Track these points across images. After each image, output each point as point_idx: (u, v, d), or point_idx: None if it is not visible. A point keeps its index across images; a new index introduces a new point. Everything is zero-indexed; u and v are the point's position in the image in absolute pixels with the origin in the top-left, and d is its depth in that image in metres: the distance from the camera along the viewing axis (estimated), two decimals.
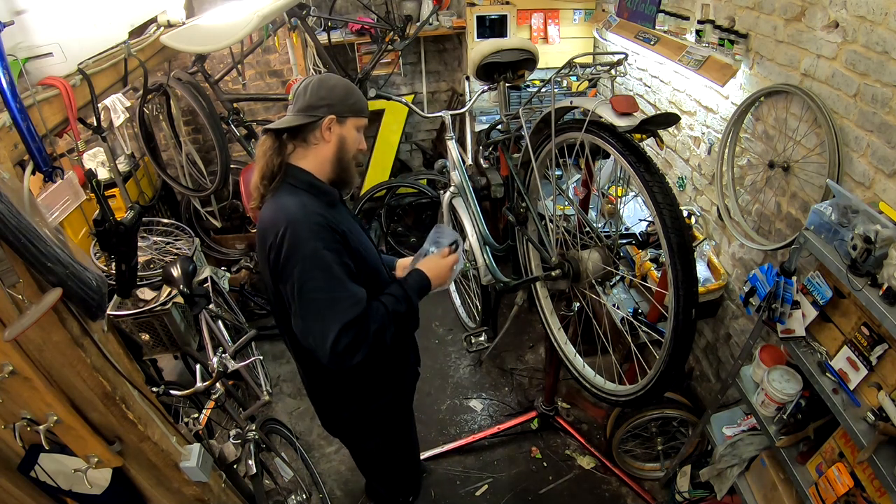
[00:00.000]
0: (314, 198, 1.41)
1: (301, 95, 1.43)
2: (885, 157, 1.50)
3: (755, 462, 1.95)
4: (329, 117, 1.41)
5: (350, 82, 1.48)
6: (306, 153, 1.45)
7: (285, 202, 1.37)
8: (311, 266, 1.30)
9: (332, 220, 1.37)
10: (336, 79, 1.47)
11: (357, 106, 1.47)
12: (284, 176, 1.42)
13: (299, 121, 1.40)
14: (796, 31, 1.78)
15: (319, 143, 1.44)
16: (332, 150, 1.45)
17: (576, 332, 2.18)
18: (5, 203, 0.97)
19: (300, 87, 1.44)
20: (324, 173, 1.46)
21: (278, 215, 1.34)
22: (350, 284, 1.34)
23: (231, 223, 4.00)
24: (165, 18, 2.06)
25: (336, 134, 1.44)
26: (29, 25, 1.30)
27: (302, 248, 1.30)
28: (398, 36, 3.39)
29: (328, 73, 1.42)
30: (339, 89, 1.44)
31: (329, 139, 1.44)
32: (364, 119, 1.51)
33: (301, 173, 1.43)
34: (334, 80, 1.46)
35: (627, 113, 1.46)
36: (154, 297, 2.29)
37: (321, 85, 1.42)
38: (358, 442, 1.86)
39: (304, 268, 1.30)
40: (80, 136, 1.53)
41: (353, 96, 1.46)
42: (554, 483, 2.61)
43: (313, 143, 1.43)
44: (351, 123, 1.47)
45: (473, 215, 2.51)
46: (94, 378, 1.27)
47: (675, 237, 1.41)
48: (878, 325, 1.37)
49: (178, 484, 1.59)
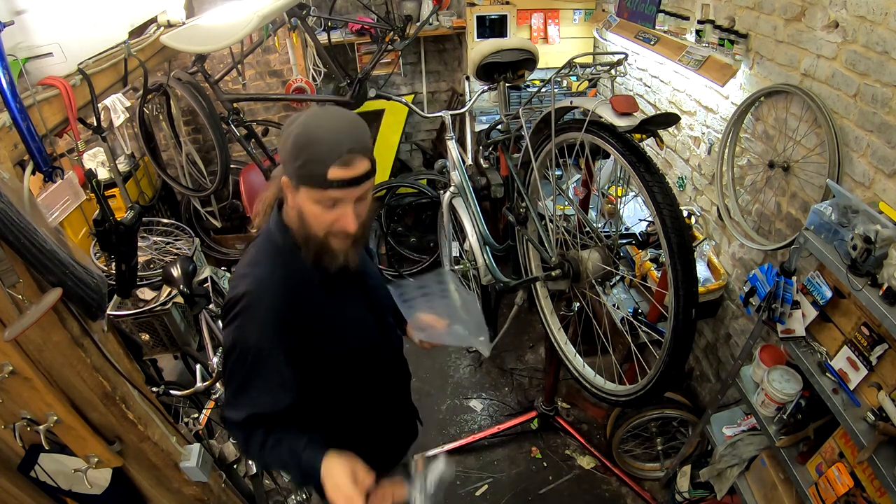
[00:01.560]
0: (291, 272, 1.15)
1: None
2: (885, 157, 1.50)
3: (755, 462, 1.95)
4: (284, 179, 1.10)
5: (310, 131, 1.04)
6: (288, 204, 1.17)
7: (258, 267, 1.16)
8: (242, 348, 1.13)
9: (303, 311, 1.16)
10: (298, 123, 1.05)
11: (304, 172, 1.04)
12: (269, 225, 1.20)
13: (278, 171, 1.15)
14: (796, 31, 1.77)
15: (286, 203, 1.17)
16: (294, 216, 1.13)
17: (576, 332, 2.18)
18: (5, 203, 0.97)
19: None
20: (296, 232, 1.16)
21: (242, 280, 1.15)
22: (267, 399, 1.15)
23: (231, 223, 4.00)
24: (165, 18, 2.06)
25: (293, 200, 1.11)
26: (29, 25, 1.30)
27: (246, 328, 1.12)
28: (398, 36, 3.39)
29: (314, 111, 1.08)
30: (288, 142, 1.04)
31: (291, 202, 1.13)
32: (325, 192, 1.05)
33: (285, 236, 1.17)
34: (295, 124, 1.05)
35: (627, 113, 1.46)
36: (154, 297, 2.29)
37: (287, 127, 1.07)
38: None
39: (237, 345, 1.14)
40: (80, 136, 1.52)
41: (300, 155, 1.02)
42: (554, 483, 2.61)
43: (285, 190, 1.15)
44: (305, 194, 1.07)
45: (473, 215, 2.51)
46: (94, 378, 1.28)
47: (675, 237, 1.41)
48: (878, 325, 1.37)
49: (178, 484, 1.59)
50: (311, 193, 1.06)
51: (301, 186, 1.06)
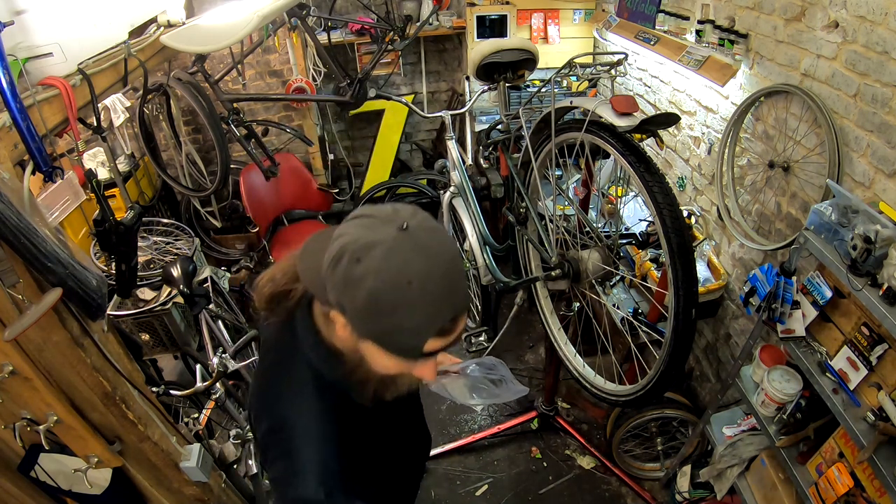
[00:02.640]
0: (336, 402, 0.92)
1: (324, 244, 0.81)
2: (885, 157, 1.50)
3: (755, 462, 1.95)
4: (338, 316, 0.82)
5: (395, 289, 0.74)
6: (325, 321, 0.90)
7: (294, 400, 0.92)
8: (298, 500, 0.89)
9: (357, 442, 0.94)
10: (368, 268, 0.74)
11: (389, 339, 0.80)
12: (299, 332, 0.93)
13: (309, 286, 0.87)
14: (796, 31, 1.77)
15: (329, 325, 0.89)
16: (345, 349, 0.89)
17: (576, 332, 2.18)
18: (5, 203, 0.97)
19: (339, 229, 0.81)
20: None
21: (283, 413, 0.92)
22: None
23: (231, 223, 4.00)
24: (165, 18, 2.06)
25: (350, 339, 0.85)
26: (29, 25, 1.29)
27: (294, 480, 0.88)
28: (398, 36, 3.39)
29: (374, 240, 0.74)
30: (360, 294, 0.75)
31: (342, 335, 0.85)
32: (414, 362, 0.85)
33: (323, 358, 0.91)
34: (364, 268, 0.74)
35: (627, 113, 1.46)
36: (154, 297, 2.29)
37: (339, 264, 0.76)
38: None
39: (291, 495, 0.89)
40: (80, 136, 1.52)
41: (382, 322, 0.77)
42: (554, 483, 2.61)
43: (329, 319, 0.87)
44: (376, 350, 0.82)
45: (473, 215, 2.51)
46: (94, 378, 1.28)
47: (675, 237, 1.41)
48: (878, 325, 1.37)
49: (178, 484, 1.59)
50: (391, 359, 0.83)
51: (370, 342, 0.82)
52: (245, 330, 2.75)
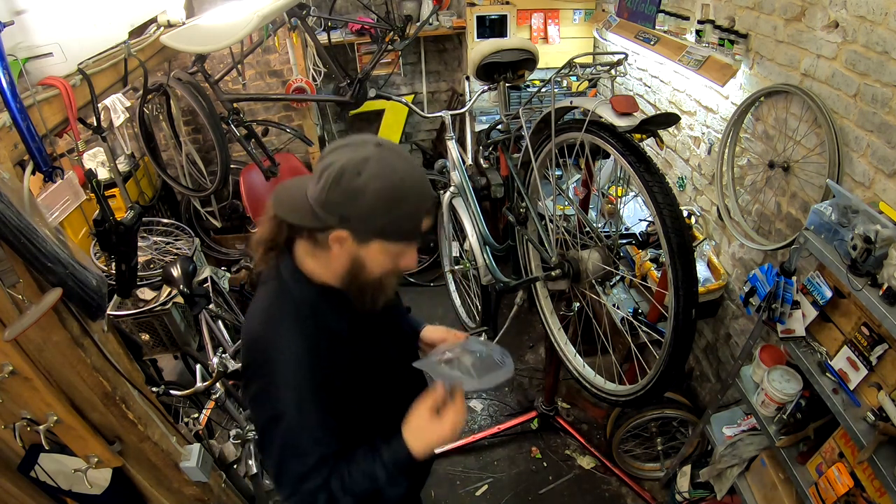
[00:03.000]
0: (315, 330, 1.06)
1: (316, 178, 0.97)
2: (885, 157, 1.50)
3: (755, 462, 1.95)
4: (338, 233, 0.97)
5: (395, 185, 0.94)
6: (314, 252, 1.05)
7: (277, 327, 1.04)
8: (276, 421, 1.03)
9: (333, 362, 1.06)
10: (370, 176, 0.92)
11: (394, 229, 0.97)
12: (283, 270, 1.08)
13: (301, 220, 1.00)
14: (796, 31, 1.77)
15: (328, 252, 1.02)
16: (342, 267, 1.04)
17: (576, 332, 2.18)
18: (5, 203, 0.97)
19: (320, 164, 0.97)
20: (337, 280, 1.07)
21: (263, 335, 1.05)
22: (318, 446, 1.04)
23: (231, 223, 4.00)
24: (165, 18, 2.06)
25: (349, 252, 1.00)
26: (29, 25, 1.29)
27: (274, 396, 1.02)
28: (398, 36, 3.39)
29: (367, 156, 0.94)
30: (366, 199, 0.92)
31: (339, 255, 1.01)
32: (404, 245, 1.02)
33: (305, 286, 1.06)
34: (365, 177, 0.92)
35: (627, 113, 1.46)
36: (154, 297, 2.29)
37: (340, 181, 0.92)
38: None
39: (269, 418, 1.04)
40: (80, 136, 1.52)
41: (390, 213, 0.94)
42: (554, 483, 2.61)
43: (321, 246, 1.02)
44: (378, 247, 0.99)
45: (473, 215, 2.51)
46: (94, 378, 1.27)
47: (675, 237, 1.41)
48: (878, 325, 1.37)
49: (178, 484, 1.59)
50: (390, 247, 0.99)
51: (376, 240, 0.98)
52: None
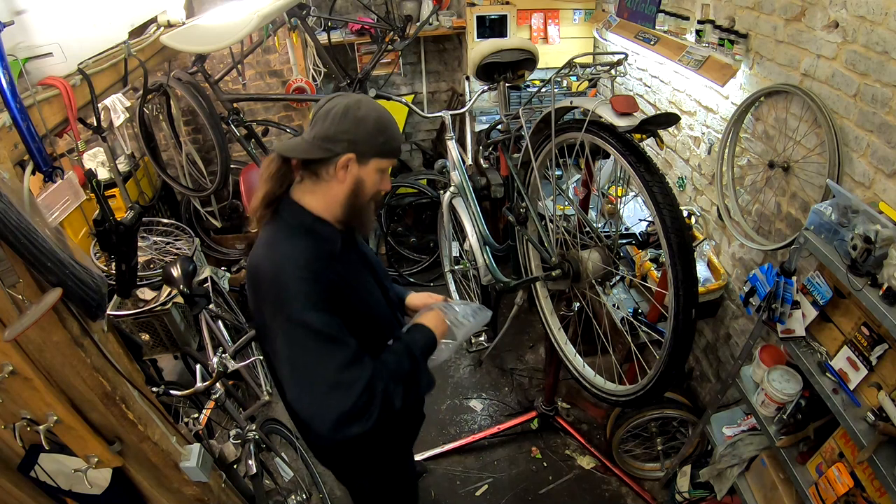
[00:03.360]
0: (312, 244, 1.23)
1: (321, 120, 1.21)
2: (885, 157, 1.50)
3: (755, 462, 1.95)
4: (347, 156, 1.21)
5: (385, 115, 1.25)
6: (315, 188, 1.26)
7: (278, 247, 1.21)
8: (299, 330, 1.14)
9: (329, 273, 1.21)
10: (367, 108, 1.22)
11: (387, 146, 1.26)
12: (282, 210, 1.27)
13: (311, 153, 1.21)
14: (796, 31, 1.78)
15: (331, 181, 1.24)
16: (344, 192, 1.25)
17: (576, 332, 2.18)
18: (5, 203, 0.97)
19: (321, 111, 1.23)
20: (331, 214, 1.28)
21: (267, 262, 1.20)
22: (345, 344, 1.17)
23: (231, 223, 4.00)
24: (165, 18, 2.06)
25: (353, 175, 1.24)
26: (29, 25, 1.29)
27: (288, 308, 1.14)
28: (398, 36, 3.39)
29: (360, 98, 1.23)
30: (368, 124, 1.21)
31: (343, 179, 1.24)
32: (391, 161, 1.30)
33: (301, 213, 1.26)
34: (364, 109, 1.22)
35: (627, 113, 1.46)
36: (154, 297, 2.29)
37: (346, 114, 1.20)
38: (350, 479, 1.71)
39: (291, 331, 1.14)
40: (80, 136, 1.52)
41: (383, 133, 1.24)
42: (554, 483, 2.61)
43: (325, 178, 1.24)
44: (374, 165, 1.25)
45: (473, 215, 2.51)
46: (94, 378, 1.27)
47: (675, 237, 1.41)
48: (878, 325, 1.37)
49: (178, 484, 1.59)
50: (382, 163, 1.27)
51: (374, 158, 1.25)
52: (245, 330, 2.75)
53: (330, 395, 1.11)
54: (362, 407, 1.12)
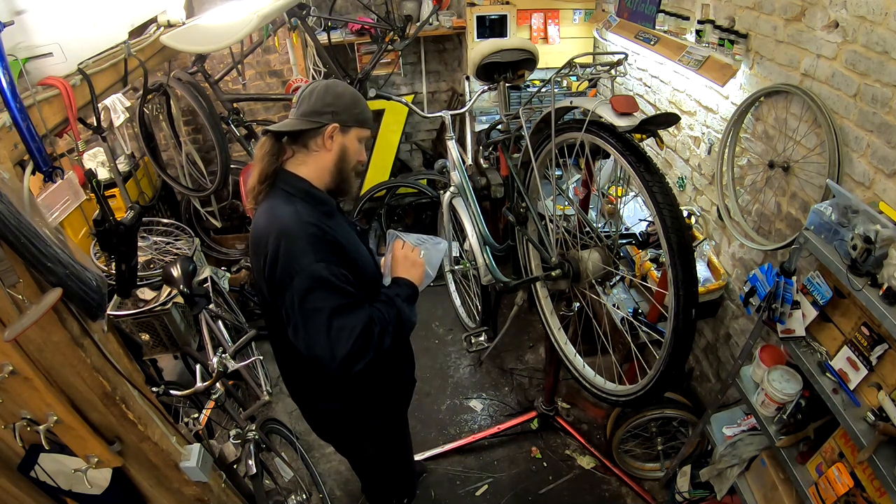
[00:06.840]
0: (310, 206, 1.39)
1: (306, 99, 1.41)
2: (886, 157, 1.50)
3: (755, 462, 1.95)
4: (332, 125, 1.39)
5: (357, 91, 1.47)
6: (306, 159, 1.43)
7: (279, 210, 1.35)
8: (309, 279, 1.28)
9: (328, 230, 1.36)
10: (343, 86, 1.45)
11: (362, 116, 1.46)
12: (279, 181, 1.41)
13: (301, 125, 1.39)
14: (796, 31, 1.78)
15: (320, 151, 1.42)
16: (332, 159, 1.44)
17: (576, 332, 2.18)
18: (5, 203, 0.96)
19: (305, 91, 1.42)
20: (322, 182, 1.45)
21: (272, 225, 1.33)
22: (350, 293, 1.33)
23: (231, 223, 4.00)
24: (165, 18, 2.06)
25: (338, 143, 1.43)
26: (29, 25, 1.29)
27: (298, 262, 1.28)
28: (398, 36, 3.39)
29: (335, 79, 1.42)
30: (346, 97, 1.42)
31: (330, 147, 1.42)
32: (367, 130, 1.50)
33: (297, 180, 1.42)
34: (342, 87, 1.44)
35: (627, 113, 1.46)
36: (154, 297, 2.29)
37: (328, 91, 1.41)
38: (351, 448, 1.88)
39: (301, 281, 1.28)
40: (80, 136, 1.52)
41: (358, 105, 1.44)
42: (554, 483, 2.61)
43: (314, 149, 1.42)
44: (354, 134, 1.46)
45: (473, 215, 2.51)
46: (94, 378, 1.27)
47: (675, 237, 1.41)
48: (878, 325, 1.37)
49: (178, 484, 1.59)
50: (359, 132, 1.46)
51: (354, 128, 1.45)
52: (245, 330, 2.75)
53: (339, 337, 1.27)
54: (362, 345, 1.29)
